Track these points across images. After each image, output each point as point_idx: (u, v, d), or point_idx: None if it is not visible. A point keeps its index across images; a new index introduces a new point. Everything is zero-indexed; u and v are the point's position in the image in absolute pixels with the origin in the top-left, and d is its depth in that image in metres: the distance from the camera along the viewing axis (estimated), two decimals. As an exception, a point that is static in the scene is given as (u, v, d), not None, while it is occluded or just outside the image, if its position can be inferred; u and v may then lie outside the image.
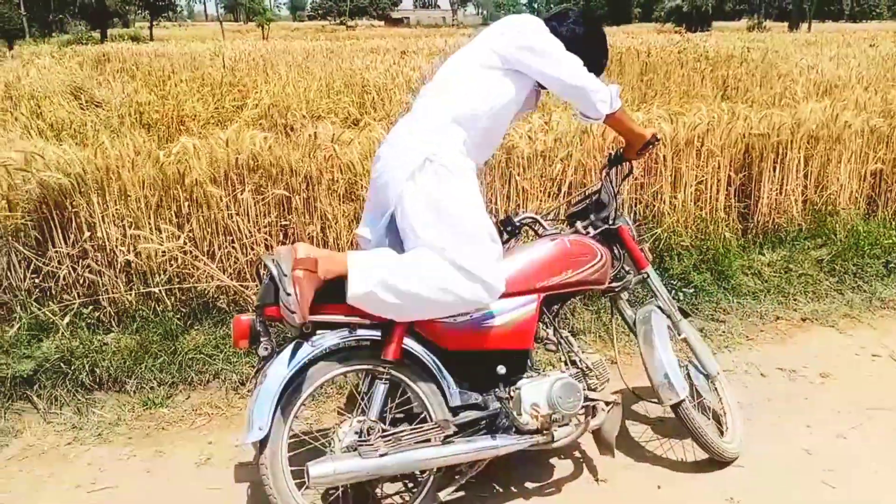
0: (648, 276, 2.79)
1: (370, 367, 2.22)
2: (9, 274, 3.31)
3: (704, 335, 3.82)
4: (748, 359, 3.64)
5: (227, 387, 3.28)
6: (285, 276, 1.97)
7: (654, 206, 4.39)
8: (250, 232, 3.62)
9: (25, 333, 3.25)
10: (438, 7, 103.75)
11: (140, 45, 19.49)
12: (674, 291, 4.07)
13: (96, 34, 34.78)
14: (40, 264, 3.36)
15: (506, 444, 2.29)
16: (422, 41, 17.62)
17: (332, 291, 2.09)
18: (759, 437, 2.88)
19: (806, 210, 4.82)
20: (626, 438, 2.91)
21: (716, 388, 2.85)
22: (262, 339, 2.12)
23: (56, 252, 3.38)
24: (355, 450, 2.12)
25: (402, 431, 2.19)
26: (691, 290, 4.15)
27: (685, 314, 2.87)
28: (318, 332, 2.17)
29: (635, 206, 4.38)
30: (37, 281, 3.39)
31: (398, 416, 2.33)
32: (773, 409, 3.15)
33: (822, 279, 4.43)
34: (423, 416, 2.28)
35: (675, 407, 2.57)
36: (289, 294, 1.95)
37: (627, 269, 2.77)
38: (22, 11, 31.73)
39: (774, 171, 4.65)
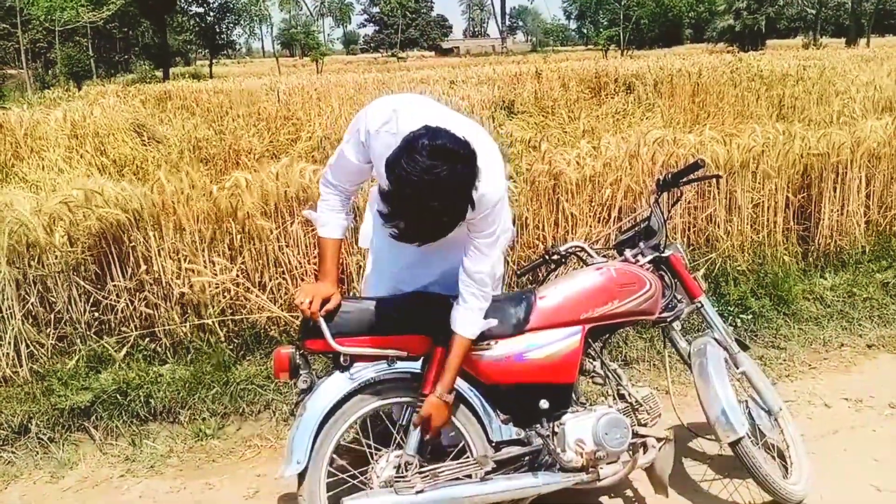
0: (702, 306, 2.69)
1: (409, 400, 2.20)
2: (69, 307, 3.41)
3: (764, 364, 3.68)
4: (811, 388, 3.48)
5: (277, 418, 3.30)
6: None
7: (707, 230, 4.28)
8: (300, 263, 3.66)
9: (84, 365, 3.34)
10: (488, 35, 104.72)
11: (200, 82, 20.21)
12: (731, 318, 3.94)
13: (159, 73, 36.22)
14: (99, 297, 3.46)
15: (549, 481, 2.23)
16: (471, 70, 17.79)
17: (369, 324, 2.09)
18: (824, 473, 2.73)
19: (869, 231, 4.63)
20: (682, 477, 2.78)
21: (779, 425, 2.72)
22: (301, 372, 2.14)
23: (114, 285, 3.47)
24: (392, 485, 2.10)
25: (439, 467, 2.16)
26: (749, 317, 4.01)
27: (743, 346, 2.75)
28: (357, 364, 2.17)
29: (688, 230, 4.28)
30: (96, 314, 3.49)
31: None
32: (838, 442, 3.00)
33: (888, 303, 4.23)
34: (461, 449, 2.25)
35: (734, 445, 2.45)
36: None
37: (679, 298, 2.68)
38: (90, 53, 33.32)
39: (835, 191, 4.49)
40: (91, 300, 3.46)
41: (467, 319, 2.13)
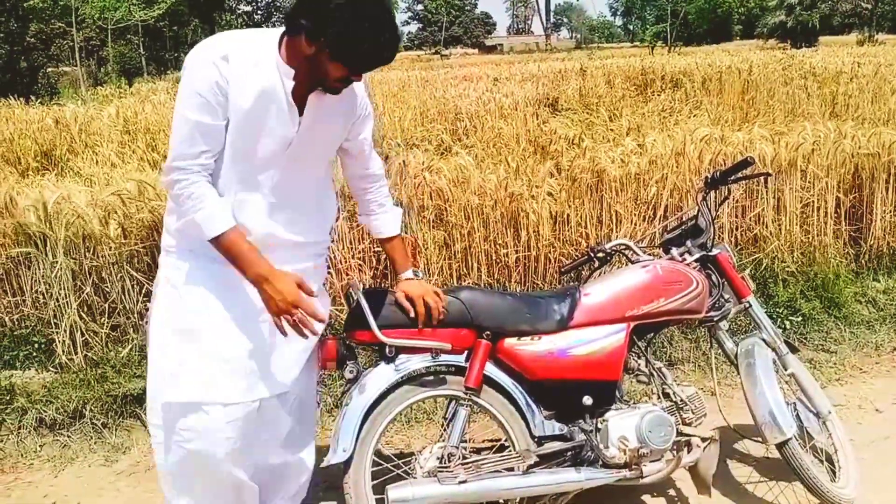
0: (750, 306, 2.65)
1: (452, 392, 2.23)
2: (123, 297, 3.52)
3: (814, 367, 3.61)
4: (862, 393, 3.40)
5: (322, 409, 3.35)
6: None
7: (755, 230, 4.20)
8: (345, 258, 3.71)
9: (137, 354, 3.44)
10: (532, 32, 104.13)
11: (247, 79, 20.46)
12: (780, 320, 3.87)
13: (209, 70, 36.78)
14: (151, 288, 3.55)
15: (591, 477, 2.23)
16: (514, 67, 17.67)
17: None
18: (874, 480, 2.67)
19: (925, 233, 4.48)
20: (727, 479, 2.76)
21: (827, 429, 2.66)
22: (348, 362, 2.18)
23: (165, 277, 3.56)
24: (435, 475, 2.12)
25: (482, 459, 2.18)
26: (799, 319, 3.93)
27: (792, 348, 2.70)
28: (402, 356, 2.20)
29: (735, 230, 4.21)
30: (148, 304, 3.58)
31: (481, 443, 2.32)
32: (889, 449, 2.93)
33: (944, 308, 4.09)
34: (504, 442, 2.26)
35: (781, 447, 2.41)
36: None
37: (727, 297, 2.65)
38: (141, 51, 34.12)
39: (888, 192, 4.37)
40: (144, 290, 3.56)
41: (397, 219, 2.32)
